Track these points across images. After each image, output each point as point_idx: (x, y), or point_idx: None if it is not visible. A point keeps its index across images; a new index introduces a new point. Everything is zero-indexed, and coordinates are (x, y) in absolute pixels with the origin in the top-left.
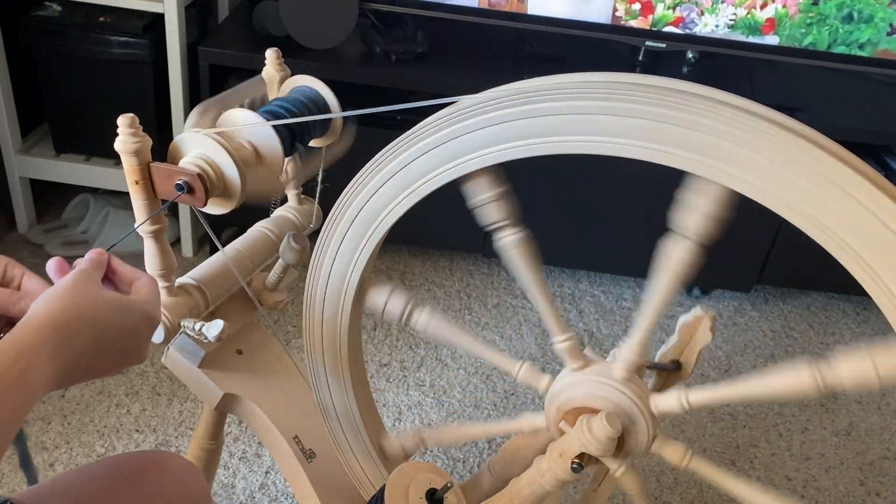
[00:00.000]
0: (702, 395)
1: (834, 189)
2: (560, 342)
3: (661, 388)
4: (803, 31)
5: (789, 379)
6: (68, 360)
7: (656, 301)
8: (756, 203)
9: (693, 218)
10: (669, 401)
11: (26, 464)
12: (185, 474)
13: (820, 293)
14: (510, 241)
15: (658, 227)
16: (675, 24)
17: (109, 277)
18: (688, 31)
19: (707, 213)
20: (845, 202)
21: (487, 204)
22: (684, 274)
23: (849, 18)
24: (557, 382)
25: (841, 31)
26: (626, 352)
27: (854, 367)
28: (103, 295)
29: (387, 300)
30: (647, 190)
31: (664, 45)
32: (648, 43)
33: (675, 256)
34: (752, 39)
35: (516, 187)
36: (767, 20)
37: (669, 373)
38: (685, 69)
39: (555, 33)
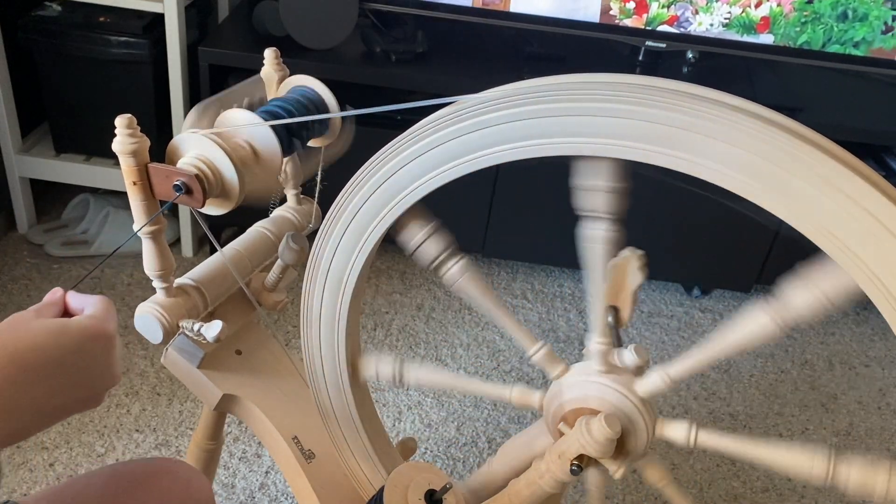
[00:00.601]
0: (680, 367)
1: (832, 190)
2: (535, 353)
3: (605, 333)
4: (798, 29)
5: (752, 327)
6: (8, 401)
7: (600, 285)
8: (756, 203)
9: (602, 197)
10: (653, 381)
11: None
12: (191, 482)
13: None
14: (457, 270)
15: (658, 228)
16: (670, 22)
17: (68, 313)
18: (682, 29)
19: (612, 190)
20: (843, 203)
21: (424, 242)
22: (611, 254)
23: (843, 17)
24: (549, 393)
25: (835, 29)
26: (592, 344)
27: (805, 298)
28: (31, 325)
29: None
30: (647, 190)
31: (664, 46)
32: (648, 43)
33: (598, 238)
34: (749, 39)
35: (516, 187)
36: (762, 19)
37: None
38: (685, 69)
39: (555, 33)
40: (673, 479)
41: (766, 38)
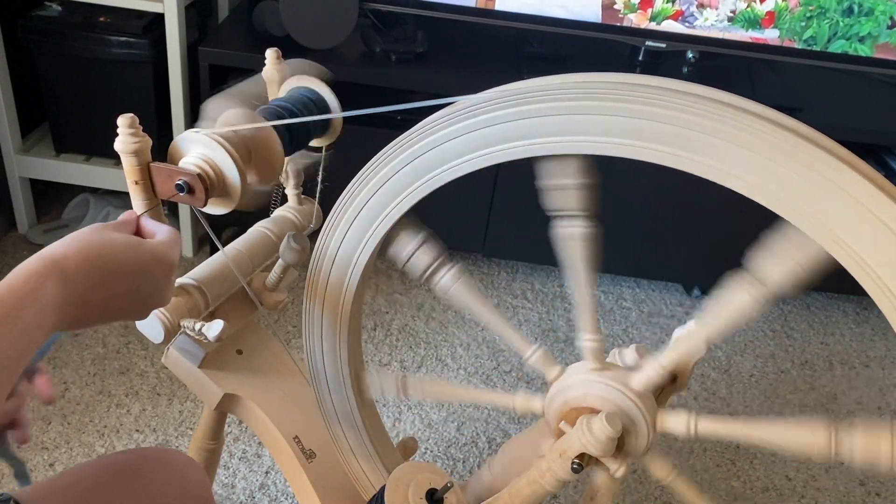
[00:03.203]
0: (672, 355)
1: (833, 189)
2: (530, 357)
3: (657, 396)
4: (803, 24)
5: (734, 307)
6: (76, 290)
7: (582, 284)
8: (756, 203)
9: (572, 195)
10: (647, 373)
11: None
12: (185, 470)
13: (820, 293)
14: (449, 278)
15: (658, 228)
16: (675, 17)
17: (139, 233)
18: (687, 24)
19: (581, 187)
20: (845, 202)
21: (416, 253)
22: (591, 250)
23: (849, 12)
24: (547, 398)
25: (841, 24)
26: (583, 341)
27: (781, 271)
28: (114, 236)
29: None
30: (647, 190)
31: (664, 45)
32: (648, 43)
33: (574, 235)
34: (752, 38)
35: (516, 187)
36: (767, 13)
37: (665, 384)
38: (685, 69)
39: (555, 33)
40: (680, 472)
41: (772, 34)
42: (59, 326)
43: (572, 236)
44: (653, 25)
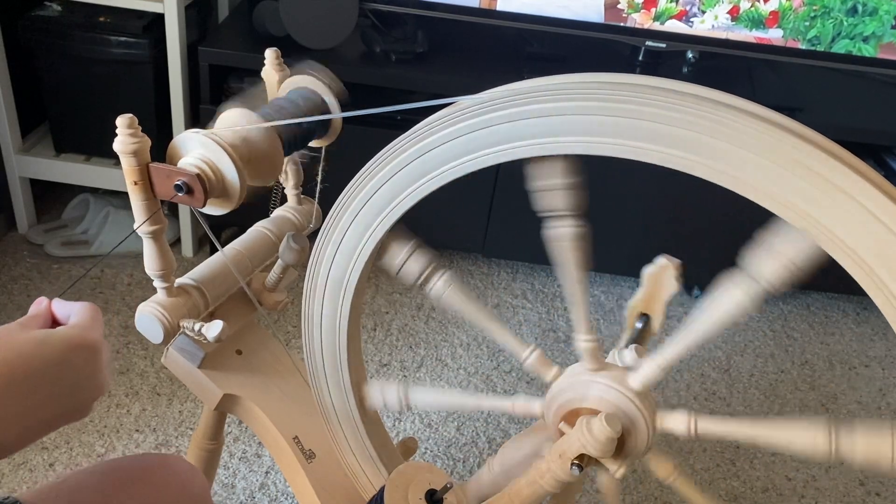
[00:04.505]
0: (669, 353)
1: (833, 189)
2: (526, 359)
3: (634, 341)
4: (807, 24)
5: (728, 304)
6: None
7: (575, 283)
8: (755, 203)
9: (560, 196)
10: (644, 372)
11: None
12: (187, 477)
13: (820, 293)
14: (442, 284)
15: (657, 228)
16: (679, 17)
17: (55, 322)
18: (690, 24)
19: (568, 186)
20: (844, 202)
21: (407, 261)
22: (583, 249)
23: (853, 11)
24: (546, 400)
25: (845, 24)
26: (579, 342)
27: (774, 268)
28: (15, 338)
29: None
30: (647, 190)
31: (664, 45)
32: (648, 43)
33: (565, 235)
34: (756, 38)
35: (516, 187)
36: (771, 13)
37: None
38: (685, 69)
39: (555, 33)
40: (682, 471)
41: (776, 33)
42: None
43: (563, 236)
44: (655, 25)
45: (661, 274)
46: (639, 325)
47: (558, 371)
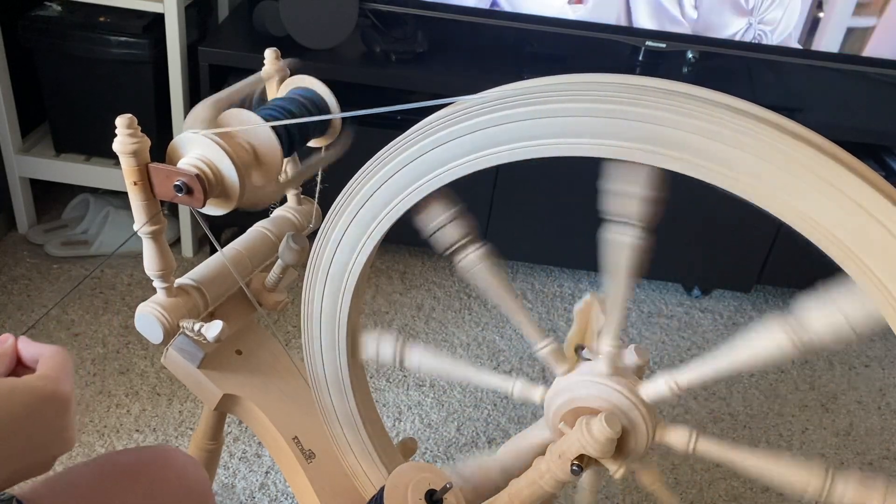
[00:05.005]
0: (689, 376)
1: (832, 191)
2: (542, 349)
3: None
4: None
5: (768, 343)
6: None
7: (620, 292)
8: (754, 205)
9: (633, 204)
10: (659, 387)
11: None
12: (186, 468)
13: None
14: (476, 257)
15: (658, 228)
16: None
17: (20, 363)
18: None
19: (645, 198)
20: (844, 204)
21: (445, 226)
22: (638, 261)
23: None
24: (551, 391)
25: None
26: (604, 346)
27: (826, 321)
28: None
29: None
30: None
31: (664, 46)
32: (648, 43)
33: (626, 244)
34: (749, 39)
35: (516, 187)
36: None
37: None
38: (685, 69)
39: (555, 33)
40: (665, 482)
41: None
42: None
43: (623, 244)
44: (654, 25)
45: (588, 309)
46: (584, 354)
47: (570, 367)
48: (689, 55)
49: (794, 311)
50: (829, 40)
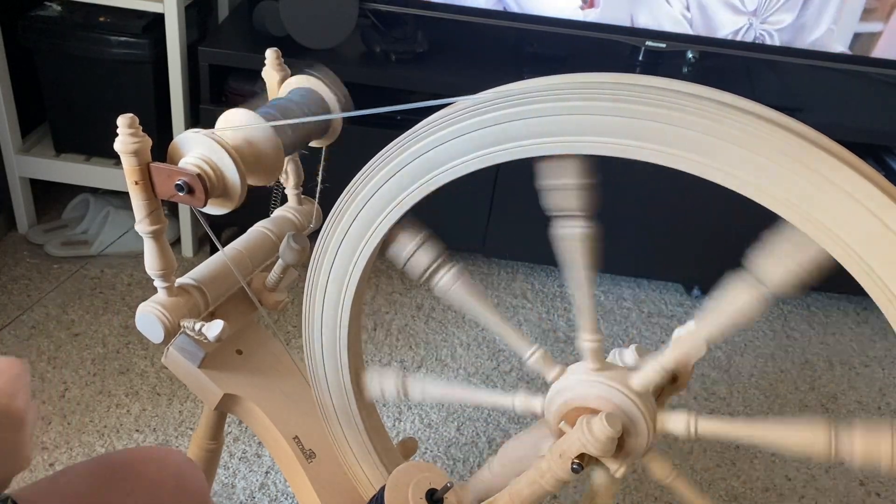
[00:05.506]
0: (672, 355)
1: (834, 189)
2: (530, 357)
3: (657, 397)
4: None
5: (735, 306)
6: None
7: (582, 284)
8: (756, 203)
9: (572, 196)
10: (647, 373)
11: None
12: (182, 469)
13: (820, 293)
14: (450, 277)
15: (657, 228)
16: None
17: None
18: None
19: (581, 188)
20: (845, 202)
21: (415, 253)
22: (591, 250)
23: None
24: (548, 399)
25: None
26: (583, 342)
27: (782, 273)
28: None
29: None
30: (646, 189)
31: (664, 46)
32: (648, 43)
33: (575, 236)
34: (749, 39)
35: (517, 187)
36: None
37: (665, 384)
38: (685, 69)
39: (555, 33)
40: (680, 472)
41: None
42: None
43: (572, 236)
44: (640, 11)
45: (690, 340)
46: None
47: (560, 370)
48: (689, 55)
49: (749, 269)
50: (837, 46)
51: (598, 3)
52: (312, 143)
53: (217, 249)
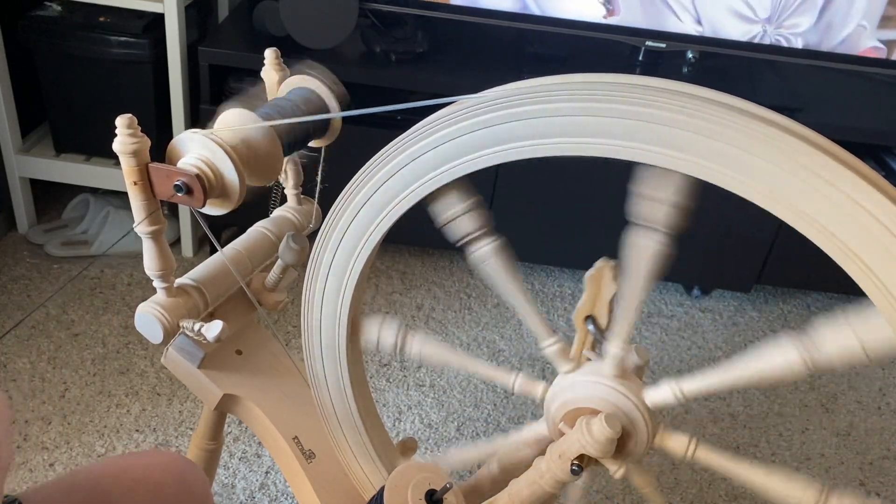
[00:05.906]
0: (695, 384)
1: (832, 190)
2: (548, 346)
3: (591, 345)
4: None
5: (778, 360)
6: None
7: (636, 295)
8: (752, 204)
9: (660, 209)
10: (662, 393)
11: None
12: (185, 473)
13: (820, 293)
14: (490, 249)
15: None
16: None
17: None
18: None
19: (674, 205)
20: (844, 203)
21: (460, 216)
22: (659, 266)
23: None
24: (554, 387)
25: None
26: (612, 348)
27: (840, 344)
28: None
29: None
30: None
31: (664, 46)
32: (648, 43)
33: (650, 249)
34: (749, 39)
35: (517, 187)
36: None
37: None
38: (685, 69)
39: (555, 33)
40: (657, 485)
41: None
42: None
43: (647, 248)
44: (653, 25)
45: (601, 276)
46: (590, 327)
47: (574, 366)
48: (689, 55)
49: (809, 330)
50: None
51: (619, 10)
52: (312, 144)
53: (217, 249)
